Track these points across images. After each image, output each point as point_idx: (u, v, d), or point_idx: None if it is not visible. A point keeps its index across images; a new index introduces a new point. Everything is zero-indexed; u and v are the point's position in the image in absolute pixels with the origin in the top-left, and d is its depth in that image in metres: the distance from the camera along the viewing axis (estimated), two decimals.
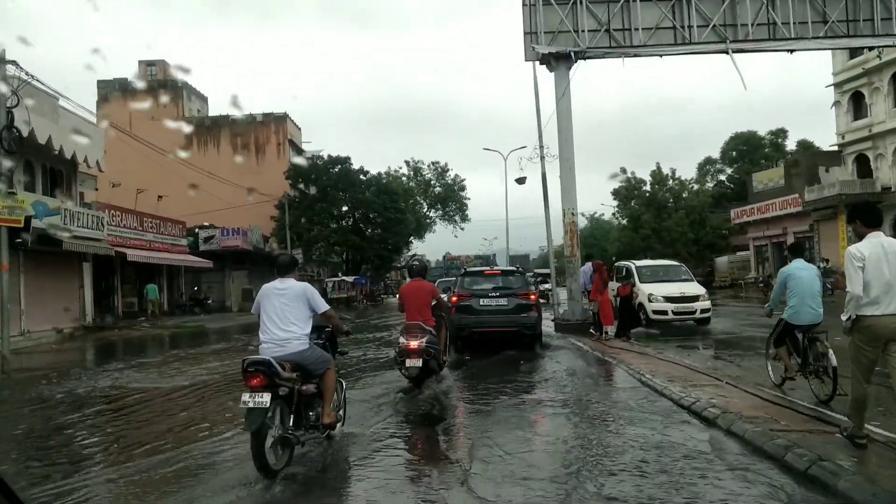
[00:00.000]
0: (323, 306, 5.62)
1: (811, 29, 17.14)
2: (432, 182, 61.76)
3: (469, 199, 62.40)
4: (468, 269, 15.72)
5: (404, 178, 60.15)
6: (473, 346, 12.60)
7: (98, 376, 12.26)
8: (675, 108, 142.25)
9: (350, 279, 45.19)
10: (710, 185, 62.98)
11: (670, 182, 55.16)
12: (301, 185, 47.20)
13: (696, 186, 56.47)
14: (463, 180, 61.90)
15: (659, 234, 50.61)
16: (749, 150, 68.11)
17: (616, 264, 20.21)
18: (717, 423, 6.21)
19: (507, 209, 43.32)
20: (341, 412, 6.16)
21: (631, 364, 10.22)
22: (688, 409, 6.96)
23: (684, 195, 54.12)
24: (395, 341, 9.23)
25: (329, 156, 46.44)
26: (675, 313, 16.25)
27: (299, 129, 55.38)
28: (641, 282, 16.79)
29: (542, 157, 19.27)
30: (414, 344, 8.32)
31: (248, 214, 41.75)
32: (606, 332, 14.15)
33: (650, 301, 16.27)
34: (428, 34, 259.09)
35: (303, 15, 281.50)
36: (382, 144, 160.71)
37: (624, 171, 55.80)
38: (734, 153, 69.47)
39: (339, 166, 45.92)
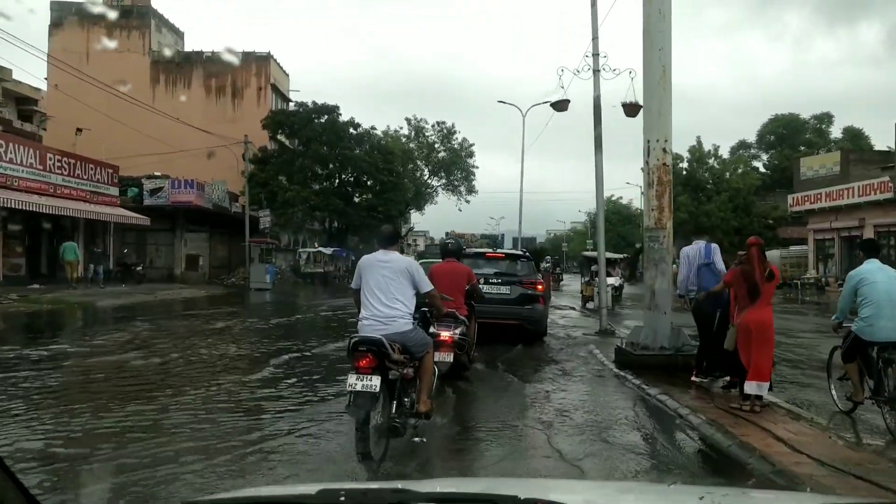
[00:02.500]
0: (427, 285, 5.24)
1: None
2: (436, 145, 54.00)
3: (477, 167, 54.86)
4: (468, 251, 13.71)
5: (404, 139, 52.52)
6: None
7: None
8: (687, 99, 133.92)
9: (328, 251, 37.97)
10: (745, 169, 56.32)
11: (711, 161, 47.87)
12: (281, 137, 39.87)
13: (739, 169, 49.12)
14: (471, 145, 54.17)
15: (696, 219, 43.50)
16: (789, 135, 62.57)
17: None
18: None
19: (522, 174, 36.55)
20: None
21: None
22: None
23: (727, 176, 46.83)
24: None
25: (314, 103, 38.84)
26: None
27: (287, 75, 47.67)
28: None
29: (597, 71, 11.94)
30: (446, 335, 6.93)
31: (218, 167, 34.51)
32: (745, 395, 6.59)
33: None
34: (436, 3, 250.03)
35: None
36: (386, 115, 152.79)
37: None
38: (772, 137, 63.43)
39: (326, 116, 38.43)
